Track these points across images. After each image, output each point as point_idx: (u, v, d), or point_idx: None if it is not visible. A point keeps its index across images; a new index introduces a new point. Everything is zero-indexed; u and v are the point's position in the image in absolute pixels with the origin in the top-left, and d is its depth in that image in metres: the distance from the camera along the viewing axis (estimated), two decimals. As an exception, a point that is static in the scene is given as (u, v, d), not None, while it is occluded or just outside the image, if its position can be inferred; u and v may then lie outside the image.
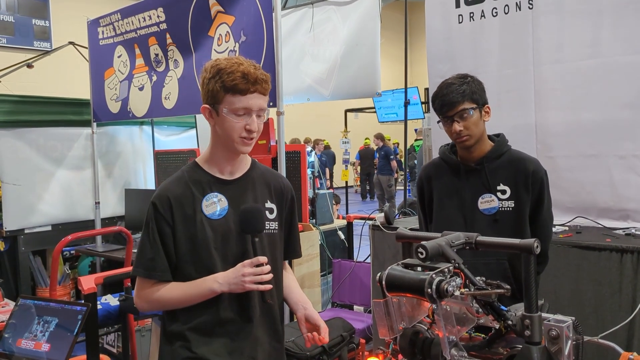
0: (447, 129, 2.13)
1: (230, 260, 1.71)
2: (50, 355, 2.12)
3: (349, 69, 4.62)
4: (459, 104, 2.07)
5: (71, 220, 5.09)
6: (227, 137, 1.70)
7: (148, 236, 1.71)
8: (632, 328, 2.54)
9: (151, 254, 1.69)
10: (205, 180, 1.75)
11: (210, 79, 1.69)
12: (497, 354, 1.41)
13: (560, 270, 2.75)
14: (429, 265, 1.34)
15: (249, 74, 1.65)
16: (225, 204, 1.74)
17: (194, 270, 1.70)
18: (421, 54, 6.01)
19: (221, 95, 1.67)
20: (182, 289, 1.70)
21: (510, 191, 2.13)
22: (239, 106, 1.66)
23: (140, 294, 1.75)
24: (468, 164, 2.18)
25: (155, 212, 1.71)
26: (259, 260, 1.66)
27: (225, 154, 1.76)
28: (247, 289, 1.66)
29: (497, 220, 2.11)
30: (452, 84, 2.10)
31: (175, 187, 1.74)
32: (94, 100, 4.91)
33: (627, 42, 2.97)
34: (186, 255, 1.70)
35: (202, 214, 1.71)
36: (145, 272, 1.71)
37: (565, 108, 3.22)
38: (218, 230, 1.72)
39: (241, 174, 1.81)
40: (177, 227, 1.70)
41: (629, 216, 3.04)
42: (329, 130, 17.16)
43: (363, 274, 4.05)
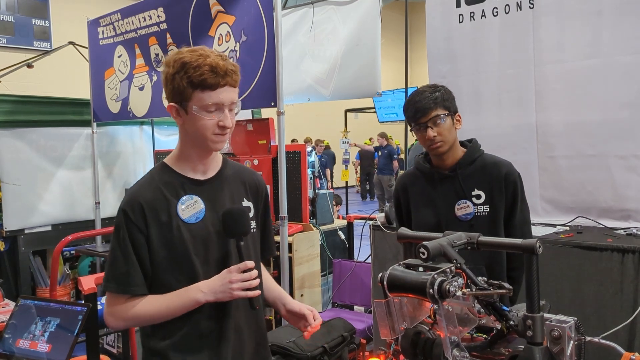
0: (421, 135, 2.16)
1: (212, 265, 1.60)
2: (51, 356, 2.11)
3: (349, 69, 4.62)
4: (432, 110, 2.11)
5: (71, 220, 5.09)
6: (200, 136, 1.57)
7: (119, 247, 1.56)
8: (634, 328, 2.53)
9: (124, 267, 1.54)
10: (177, 182, 1.62)
11: (174, 74, 1.54)
12: (499, 355, 1.41)
13: (561, 270, 2.75)
14: (431, 266, 1.34)
15: (217, 67, 1.52)
16: (202, 206, 1.62)
17: (174, 280, 1.57)
18: (421, 54, 6.00)
19: (189, 92, 1.53)
20: (162, 301, 1.56)
21: (484, 196, 2.15)
22: (209, 102, 1.53)
23: (112, 311, 1.58)
24: (442, 171, 2.21)
25: (127, 219, 1.55)
26: (247, 265, 1.55)
27: (197, 153, 1.63)
28: (235, 297, 1.55)
29: (472, 225, 2.13)
30: (424, 91, 2.14)
31: (146, 192, 1.59)
32: (94, 100, 4.91)
33: (628, 42, 2.97)
34: (163, 264, 1.57)
35: (178, 219, 1.58)
36: (119, 287, 1.55)
37: (566, 108, 3.22)
38: (197, 235, 1.59)
39: (214, 172, 1.69)
40: (151, 234, 1.56)
41: (630, 216, 3.04)
42: (329, 130, 17.16)
43: (363, 274, 4.05)
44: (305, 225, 4.10)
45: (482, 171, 2.18)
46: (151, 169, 1.69)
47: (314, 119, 17.02)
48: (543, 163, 3.32)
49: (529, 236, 2.29)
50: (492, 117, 3.50)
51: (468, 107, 3.58)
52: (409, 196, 2.31)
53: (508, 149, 3.28)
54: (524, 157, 3.31)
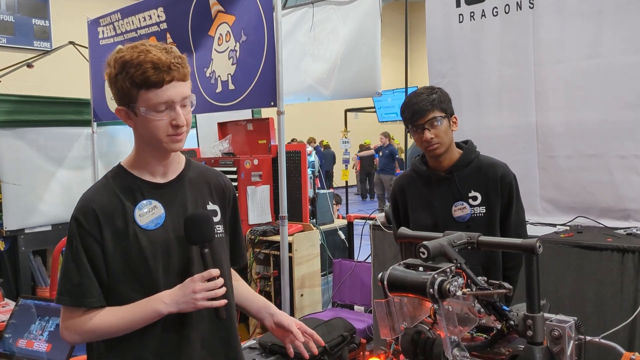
0: (418, 137, 2.18)
1: (173, 275, 1.50)
2: (51, 355, 2.12)
3: (350, 68, 4.62)
4: (429, 112, 2.12)
5: (71, 220, 5.08)
6: (153, 138, 1.46)
7: (73, 257, 1.45)
8: (634, 328, 2.53)
9: (78, 279, 1.43)
10: (135, 185, 1.51)
11: (116, 75, 1.43)
12: (499, 354, 1.41)
13: (561, 270, 2.75)
14: (431, 265, 1.34)
15: (159, 62, 1.40)
16: (162, 211, 1.51)
17: (131, 290, 1.47)
18: (421, 54, 6.00)
19: (134, 93, 1.41)
20: (120, 313, 1.45)
21: (481, 197, 2.17)
22: (157, 101, 1.41)
23: (67, 325, 1.47)
24: (438, 173, 2.22)
25: (79, 228, 1.45)
26: (211, 274, 1.45)
27: (154, 155, 1.52)
28: (199, 307, 1.44)
29: (469, 226, 2.14)
30: (421, 93, 2.16)
31: (100, 197, 1.49)
32: (94, 100, 4.91)
33: (628, 42, 2.97)
34: (120, 274, 1.46)
35: (135, 225, 1.47)
36: (73, 300, 1.44)
37: (566, 108, 3.22)
38: (156, 243, 1.49)
39: (175, 175, 1.57)
40: (106, 243, 1.45)
41: (630, 216, 3.04)
42: (329, 130, 17.15)
43: (363, 274, 4.04)
44: (305, 225, 4.10)
45: (479, 173, 2.20)
46: (107, 172, 1.58)
47: (314, 118, 17.02)
48: (543, 163, 3.32)
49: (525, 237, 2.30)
50: (492, 117, 3.50)
51: (468, 107, 3.58)
52: (406, 198, 2.32)
53: (508, 149, 3.29)
54: (524, 157, 3.32)
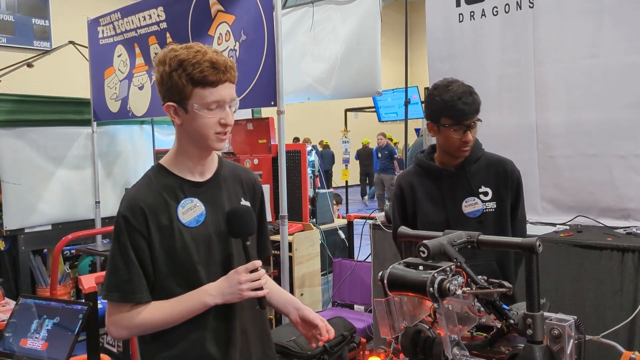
0: (454, 135, 2.10)
1: (215, 269, 1.57)
2: (51, 355, 2.12)
3: (350, 68, 4.62)
4: (476, 115, 2.09)
5: (71, 219, 5.09)
6: (201, 135, 1.52)
7: (121, 254, 1.50)
8: (634, 327, 2.54)
9: (127, 275, 1.49)
10: (176, 184, 1.57)
11: (171, 72, 1.48)
12: (499, 353, 1.41)
13: (561, 269, 2.75)
14: (431, 264, 1.34)
15: (218, 62, 1.47)
16: (202, 209, 1.57)
17: (176, 285, 1.53)
18: (421, 54, 6.00)
19: (188, 90, 1.47)
20: (168, 308, 1.51)
21: (491, 192, 2.17)
22: (211, 100, 1.48)
23: (115, 320, 1.52)
24: (449, 169, 2.20)
25: (127, 225, 1.50)
26: (255, 265, 1.52)
27: (196, 153, 1.58)
28: (244, 297, 1.51)
29: (482, 222, 2.14)
30: (471, 92, 2.09)
31: (146, 196, 1.54)
32: (94, 99, 4.91)
33: (628, 41, 2.96)
34: (165, 269, 1.52)
35: (179, 223, 1.53)
36: (123, 296, 1.50)
37: (566, 108, 3.22)
38: (198, 239, 1.55)
39: (212, 173, 1.64)
40: (153, 239, 1.51)
41: (630, 215, 3.04)
42: (329, 130, 17.15)
43: (364, 273, 4.05)
44: (305, 225, 4.11)
45: (488, 168, 2.20)
46: (147, 171, 1.64)
47: (315, 118, 17.03)
48: (543, 162, 3.32)
49: (525, 233, 2.32)
50: (493, 117, 3.49)
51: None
52: (415, 194, 2.27)
53: (508, 148, 3.27)
54: (523, 157, 3.31)
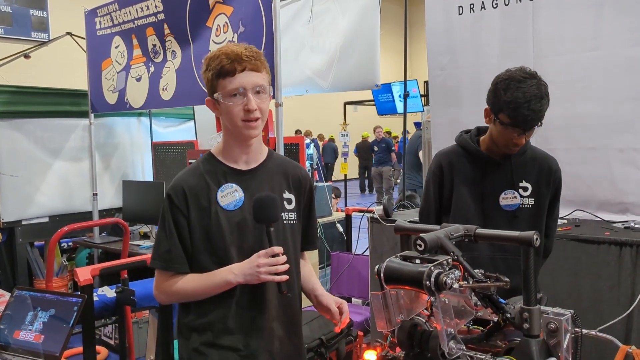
0: (510, 136, 2.01)
1: (247, 252, 1.67)
2: (46, 347, 2.11)
3: (348, 60, 4.59)
4: (540, 121, 2.00)
5: (69, 211, 5.07)
6: (231, 124, 1.67)
7: (164, 228, 1.69)
8: (631, 321, 2.54)
9: (167, 246, 1.67)
10: (220, 170, 1.73)
11: (205, 71, 1.69)
12: (495, 347, 1.40)
13: (559, 263, 2.75)
14: (428, 258, 1.33)
15: (231, 53, 1.63)
16: (241, 195, 1.71)
17: (210, 262, 1.68)
18: (421, 47, 5.98)
19: (215, 83, 1.65)
20: (198, 280, 1.68)
21: (531, 188, 2.12)
22: (231, 88, 1.63)
23: (158, 286, 1.73)
24: (494, 157, 2.13)
25: (170, 203, 1.68)
26: (274, 251, 1.62)
27: (237, 143, 1.73)
28: (262, 280, 1.62)
29: (516, 216, 2.10)
30: (542, 97, 1.98)
31: (190, 178, 1.71)
32: (92, 91, 4.89)
33: (628, 34, 2.95)
34: (201, 246, 1.68)
35: (217, 205, 1.68)
36: (163, 264, 1.69)
37: (565, 101, 3.21)
38: (233, 222, 1.69)
39: (257, 164, 1.77)
40: (191, 218, 1.67)
41: (628, 209, 3.04)
42: (328, 123, 17.14)
43: (361, 267, 4.04)
44: (303, 218, 4.09)
45: (533, 163, 2.14)
46: (198, 158, 1.80)
47: (313, 111, 17.00)
48: (542, 156, 3.31)
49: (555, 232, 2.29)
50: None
51: (468, 99, 3.57)
52: (453, 174, 2.19)
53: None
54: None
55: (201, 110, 5.25)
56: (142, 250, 4.21)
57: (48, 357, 2.09)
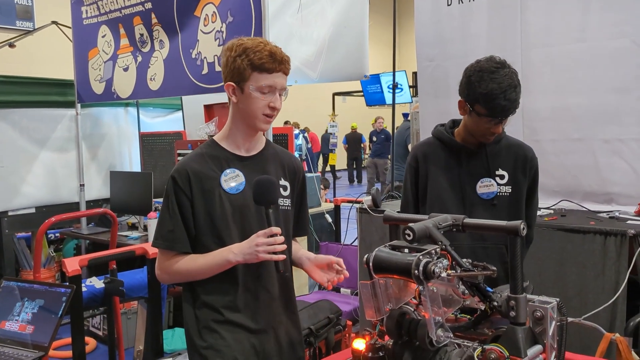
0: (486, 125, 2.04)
1: (248, 233, 1.74)
2: (35, 337, 2.11)
3: (337, 51, 4.58)
4: (515, 110, 2.02)
5: (55, 202, 5.03)
6: (251, 114, 1.75)
7: (168, 209, 1.76)
8: (615, 310, 2.58)
9: (171, 226, 1.74)
10: (223, 156, 1.80)
11: (236, 57, 1.72)
12: (483, 335, 1.42)
13: (545, 252, 2.78)
14: (416, 247, 1.35)
15: (276, 54, 1.72)
16: (243, 179, 1.79)
17: (213, 243, 1.75)
18: (409, 38, 5.97)
19: (248, 73, 1.71)
20: (200, 260, 1.74)
21: (508, 176, 2.14)
22: (265, 84, 1.72)
23: (160, 265, 1.80)
24: (469, 147, 2.15)
25: (175, 185, 1.75)
26: (272, 231, 1.67)
27: (244, 131, 1.81)
28: (260, 259, 1.68)
29: (495, 204, 2.12)
30: (515, 86, 2.00)
31: (194, 163, 1.78)
32: (78, 81, 4.84)
33: (615, 26, 2.97)
34: (205, 227, 1.75)
35: (220, 189, 1.76)
36: (165, 244, 1.75)
37: (552, 92, 3.23)
38: (236, 205, 1.77)
39: (257, 151, 1.86)
40: (195, 200, 1.74)
41: (613, 199, 3.08)
42: (317, 114, 17.11)
43: (350, 257, 4.06)
44: (292, 208, 4.10)
45: (508, 151, 2.16)
46: (202, 144, 1.87)
47: (302, 102, 16.95)
48: (528, 147, 3.34)
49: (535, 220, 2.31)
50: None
51: (457, 90, 3.55)
52: (428, 165, 2.22)
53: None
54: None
55: (189, 101, 5.22)
56: (130, 241, 4.19)
57: (37, 347, 2.09)
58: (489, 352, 1.29)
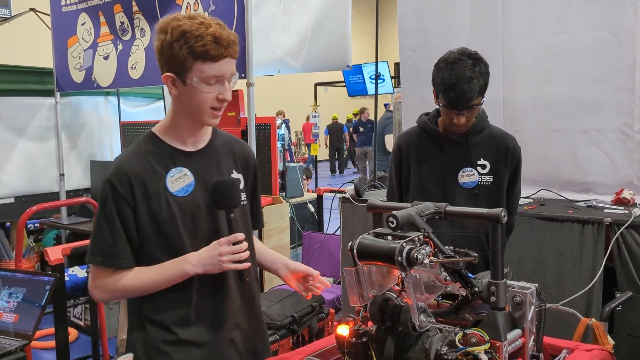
0: (449, 117, 2.07)
1: (201, 239, 1.56)
2: (18, 326, 2.09)
3: (320, 41, 4.57)
4: (473, 100, 2.02)
5: (35, 192, 4.97)
6: (196, 109, 1.52)
7: (106, 219, 1.50)
8: (591, 296, 2.64)
9: (111, 239, 1.50)
10: (165, 153, 1.56)
11: (172, 42, 1.46)
12: (464, 320, 1.45)
13: (524, 240, 2.83)
14: (400, 234, 1.37)
15: (221, 37, 1.45)
16: (191, 179, 1.57)
17: (162, 253, 1.54)
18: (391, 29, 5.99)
19: (189, 63, 1.46)
20: (150, 273, 1.52)
21: (489, 166, 2.16)
22: (211, 74, 1.47)
23: (98, 284, 1.55)
24: (451, 136, 2.17)
25: (113, 191, 1.50)
26: (237, 238, 1.51)
27: (189, 126, 1.58)
28: (224, 269, 1.51)
29: (476, 194, 2.14)
30: (471, 78, 1.98)
31: (134, 163, 1.53)
32: (57, 69, 4.77)
33: (595, 18, 3.02)
34: (151, 237, 1.53)
35: (166, 192, 1.53)
36: (105, 260, 1.51)
37: (532, 83, 3.27)
38: (186, 209, 1.55)
39: (204, 143, 1.63)
40: (138, 206, 1.51)
41: (591, 189, 3.14)
42: (298, 104, 17.05)
43: (332, 246, 4.09)
44: (275, 198, 4.11)
45: (490, 141, 2.18)
46: (138, 138, 1.61)
47: (284, 92, 16.88)
48: (509, 137, 3.38)
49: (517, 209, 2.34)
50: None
51: (437, 81, 3.59)
52: (411, 154, 2.24)
53: (475, 123, 3.33)
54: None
55: (171, 90, 5.16)
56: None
57: (20, 336, 2.07)
58: (470, 337, 1.32)
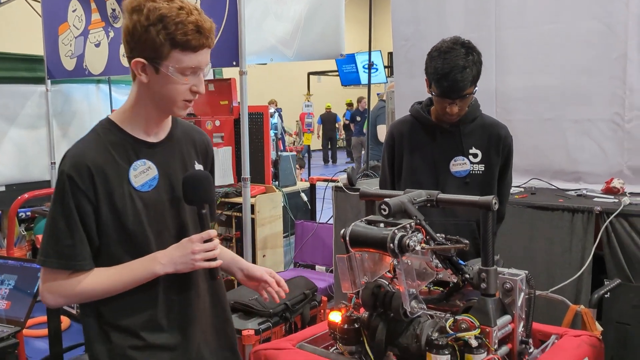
0: (442, 106, 2.07)
1: (166, 237, 1.46)
2: (10, 313, 2.09)
3: (313, 29, 4.55)
4: (466, 90, 2.01)
5: (26, 180, 4.96)
6: (167, 100, 1.41)
7: (63, 216, 1.36)
8: (580, 283, 2.67)
9: (70, 240, 1.36)
10: (127, 143, 1.44)
11: (149, 26, 1.33)
12: (455, 306, 1.47)
13: (515, 229, 2.85)
14: (392, 222, 1.38)
15: (203, 27, 1.35)
16: (155, 173, 1.45)
17: (125, 253, 1.41)
18: (384, 18, 5.97)
19: (166, 50, 1.34)
20: (113, 275, 1.40)
21: (481, 155, 2.17)
22: (188, 65, 1.36)
23: (50, 287, 1.39)
24: (443, 125, 2.18)
25: (72, 185, 1.36)
26: (210, 235, 1.42)
27: (154, 115, 1.46)
28: (196, 268, 1.42)
29: (467, 183, 2.15)
30: (464, 67, 1.97)
31: (93, 153, 1.40)
32: (48, 56, 4.73)
33: (587, 7, 3.03)
34: (114, 235, 1.40)
35: (130, 187, 1.41)
36: (63, 263, 1.37)
37: (524, 73, 3.28)
38: (150, 205, 1.43)
39: (165, 134, 1.51)
40: (100, 203, 1.38)
41: (581, 178, 3.16)
42: (291, 93, 17.01)
43: (325, 235, 4.10)
44: (267, 187, 4.11)
45: (482, 130, 2.18)
46: (95, 126, 1.49)
47: (277, 82, 16.83)
48: (501, 126, 3.39)
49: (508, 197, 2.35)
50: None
51: (430, 70, 3.59)
52: (404, 143, 2.25)
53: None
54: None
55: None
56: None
57: (12, 323, 2.08)
58: (461, 322, 1.34)
